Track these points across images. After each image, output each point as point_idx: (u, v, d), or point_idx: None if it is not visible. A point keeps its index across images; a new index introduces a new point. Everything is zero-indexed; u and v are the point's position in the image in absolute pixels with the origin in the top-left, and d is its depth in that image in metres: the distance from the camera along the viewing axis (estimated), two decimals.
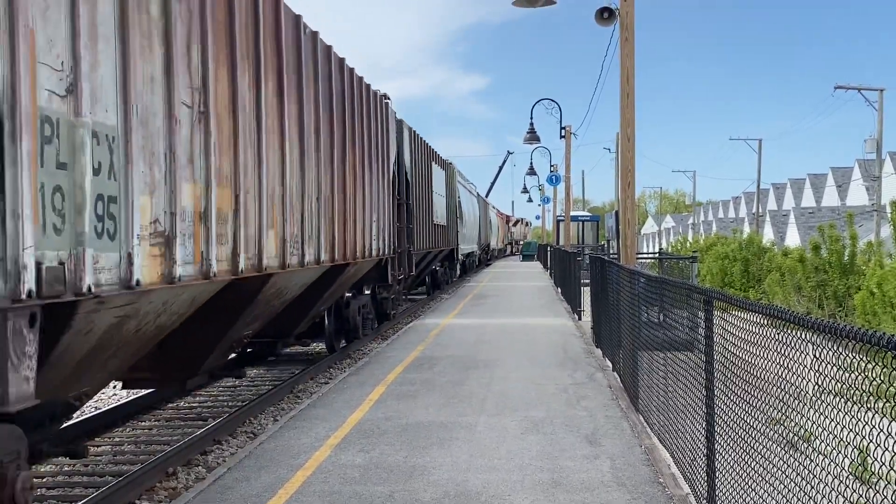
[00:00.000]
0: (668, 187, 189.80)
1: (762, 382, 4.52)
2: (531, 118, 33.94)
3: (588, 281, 17.61)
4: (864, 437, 3.27)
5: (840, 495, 3.47)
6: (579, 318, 19.79)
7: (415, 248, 20.81)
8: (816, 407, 3.77)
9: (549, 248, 45.32)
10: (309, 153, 10.49)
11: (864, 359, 3.21)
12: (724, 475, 5.35)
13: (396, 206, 17.52)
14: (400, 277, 18.63)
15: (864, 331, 3.09)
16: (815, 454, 3.85)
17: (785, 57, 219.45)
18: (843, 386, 3.57)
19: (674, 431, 7.02)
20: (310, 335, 14.08)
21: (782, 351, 4.10)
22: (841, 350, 3.39)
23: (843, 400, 3.55)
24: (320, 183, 11.03)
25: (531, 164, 56.87)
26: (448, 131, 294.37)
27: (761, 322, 4.45)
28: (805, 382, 3.90)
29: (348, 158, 12.61)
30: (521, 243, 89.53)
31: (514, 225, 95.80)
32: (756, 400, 4.61)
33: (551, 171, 45.37)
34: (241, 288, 8.65)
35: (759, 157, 57.25)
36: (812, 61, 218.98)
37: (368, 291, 16.81)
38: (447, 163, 30.91)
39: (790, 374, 4.06)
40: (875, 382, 3.14)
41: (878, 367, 3.06)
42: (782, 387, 4.22)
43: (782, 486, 4.18)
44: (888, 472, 3.05)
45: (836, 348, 3.44)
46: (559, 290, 29.15)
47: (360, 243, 13.51)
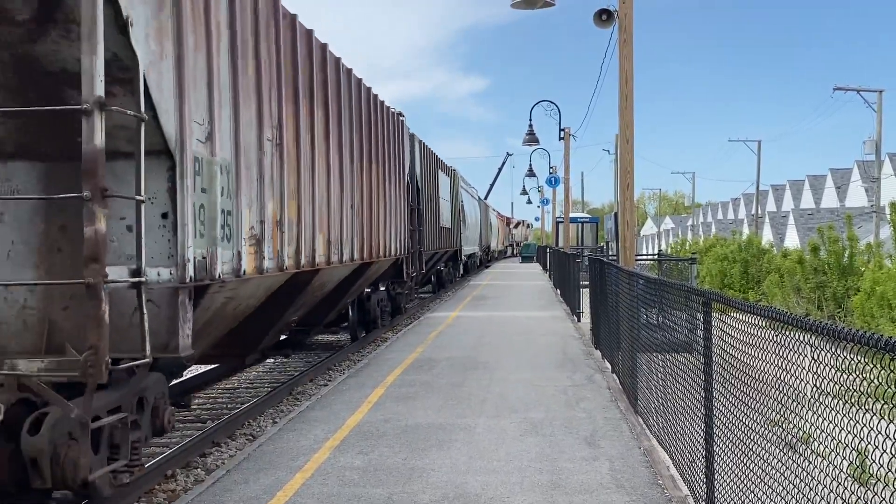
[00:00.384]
0: (668, 189, 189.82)
1: (761, 384, 4.52)
2: (530, 120, 34.38)
3: (587, 282, 17.61)
4: (863, 439, 3.27)
5: (838, 497, 3.47)
6: (578, 320, 19.78)
7: (424, 249, 22.26)
8: (815, 409, 3.77)
9: (548, 250, 45.34)
10: (345, 170, 12.41)
11: (863, 360, 3.21)
12: (723, 477, 5.35)
13: (409, 211, 19.25)
14: (413, 275, 20.58)
15: (861, 332, 3.09)
16: (814, 456, 3.85)
17: (784, 58, 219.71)
18: (842, 388, 3.56)
19: (673, 433, 7.02)
20: (335, 323, 16.52)
21: (780, 353, 4.10)
22: (839, 352, 3.39)
23: (841, 402, 3.55)
24: (353, 194, 13.01)
25: (530, 165, 57.17)
26: (447, 133, 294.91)
27: (760, 324, 4.45)
28: (803, 384, 3.90)
29: (373, 171, 14.68)
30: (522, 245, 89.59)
31: (516, 227, 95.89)
32: (755, 402, 4.61)
33: (550, 173, 45.49)
34: (298, 279, 10.34)
35: (759, 159, 57.21)
36: (811, 62, 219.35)
37: (384, 288, 18.62)
38: (451, 169, 32.08)
39: (788, 375, 4.06)
40: (873, 384, 3.14)
41: (875, 369, 3.06)
42: (781, 389, 4.22)
43: (781, 487, 4.18)
44: (886, 473, 3.05)
45: (834, 350, 3.43)
46: (558, 291, 29.14)
47: (382, 244, 15.44)
